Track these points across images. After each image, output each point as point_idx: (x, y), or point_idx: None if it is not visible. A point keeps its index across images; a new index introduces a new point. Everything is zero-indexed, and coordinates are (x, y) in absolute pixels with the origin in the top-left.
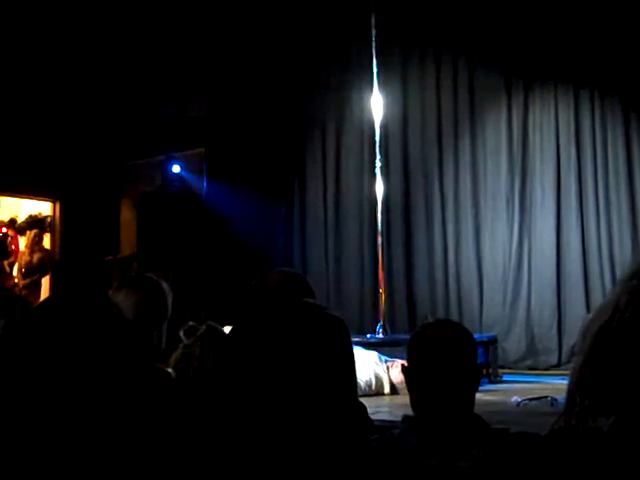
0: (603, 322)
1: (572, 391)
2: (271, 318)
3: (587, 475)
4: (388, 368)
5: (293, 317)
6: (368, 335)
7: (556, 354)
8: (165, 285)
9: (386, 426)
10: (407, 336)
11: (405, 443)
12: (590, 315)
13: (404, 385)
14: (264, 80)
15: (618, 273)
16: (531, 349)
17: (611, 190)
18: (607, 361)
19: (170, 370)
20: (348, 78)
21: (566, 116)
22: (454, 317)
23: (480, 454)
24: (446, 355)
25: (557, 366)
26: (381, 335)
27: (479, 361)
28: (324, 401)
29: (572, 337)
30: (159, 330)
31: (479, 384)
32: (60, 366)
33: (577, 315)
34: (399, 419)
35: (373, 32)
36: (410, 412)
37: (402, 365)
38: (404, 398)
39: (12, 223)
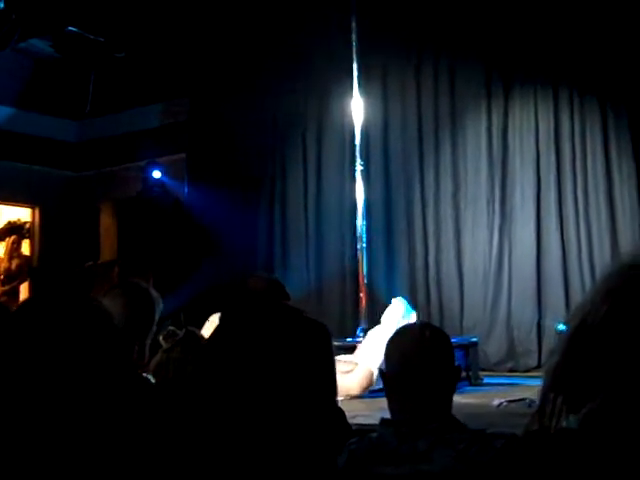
0: (578, 322)
1: (546, 390)
2: (251, 322)
3: (559, 475)
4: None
5: (273, 321)
6: (349, 338)
7: (536, 356)
8: (155, 293)
9: (365, 430)
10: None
11: (383, 446)
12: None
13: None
14: (245, 85)
15: (597, 276)
16: (511, 352)
17: (590, 193)
18: (580, 359)
19: (149, 376)
20: (329, 82)
21: (545, 120)
22: (435, 320)
23: (455, 456)
24: (422, 358)
25: (537, 368)
26: (362, 338)
27: (460, 364)
28: (303, 406)
29: (552, 339)
30: (144, 339)
31: (457, 386)
32: (40, 370)
33: (557, 318)
34: (377, 422)
35: (354, 36)
36: (389, 415)
37: (380, 369)
38: (383, 401)
39: None
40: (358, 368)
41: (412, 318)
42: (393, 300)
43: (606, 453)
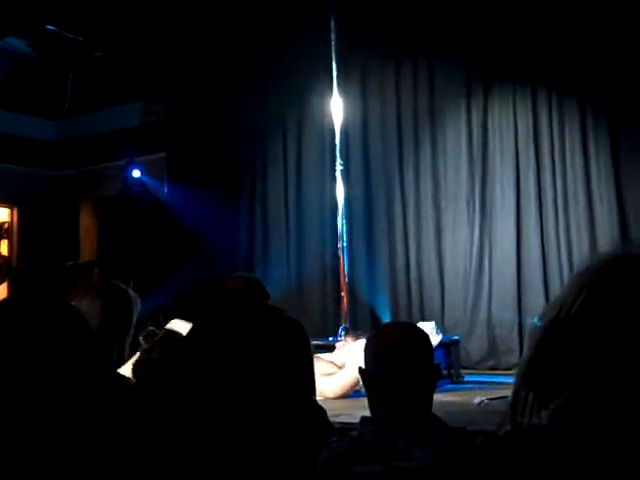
0: (551, 317)
1: (517, 387)
2: (229, 321)
3: (532, 473)
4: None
5: (251, 320)
6: (330, 338)
7: (517, 354)
8: (132, 293)
9: (348, 428)
10: None
11: (363, 444)
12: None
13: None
14: (225, 84)
15: (576, 269)
16: (493, 350)
17: (569, 191)
18: (551, 354)
19: (129, 375)
20: (308, 81)
21: (524, 119)
22: (416, 319)
23: (434, 453)
24: (401, 356)
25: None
26: (343, 337)
27: (440, 362)
28: (282, 404)
29: None
30: (123, 339)
31: (438, 384)
32: (16, 372)
33: (537, 315)
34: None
35: (332, 36)
36: (369, 413)
37: (359, 367)
38: (364, 400)
39: None
40: (342, 371)
41: (435, 341)
42: (420, 324)
43: (574, 449)
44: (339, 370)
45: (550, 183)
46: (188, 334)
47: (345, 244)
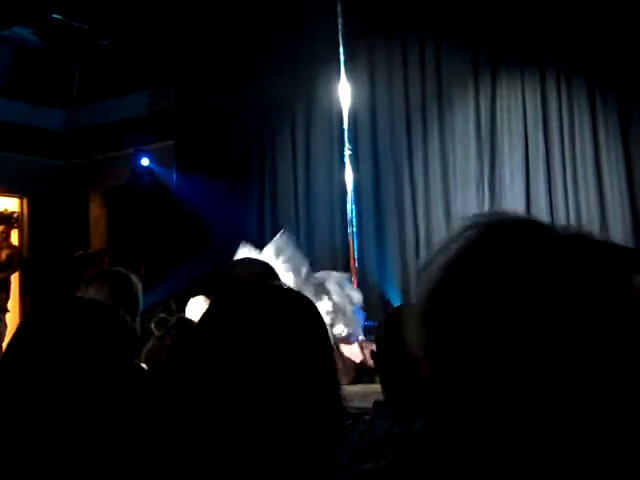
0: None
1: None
2: (241, 305)
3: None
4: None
5: (264, 302)
6: None
7: None
8: (135, 278)
9: (361, 413)
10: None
11: (376, 428)
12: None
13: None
14: (232, 71)
15: None
16: None
17: (578, 173)
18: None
19: (142, 363)
20: (316, 67)
21: (533, 100)
22: None
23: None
24: None
25: None
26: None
27: None
28: (301, 389)
29: None
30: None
31: None
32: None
33: None
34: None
35: (340, 20)
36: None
37: (372, 351)
38: (377, 386)
39: None
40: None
41: None
42: None
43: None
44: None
45: (560, 167)
46: (200, 319)
47: (355, 229)
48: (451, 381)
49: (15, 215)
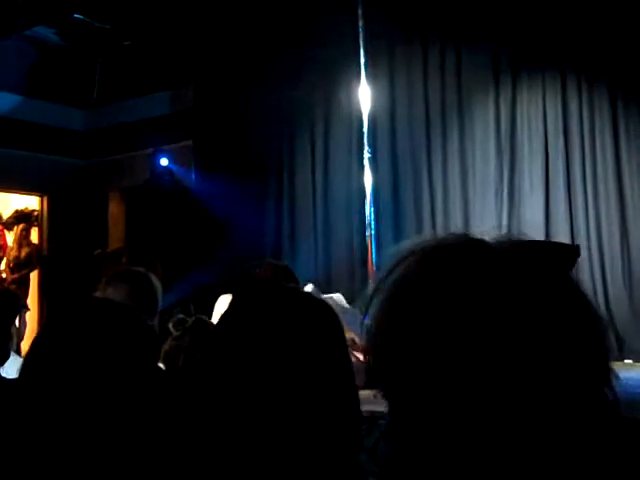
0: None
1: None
2: (260, 308)
3: None
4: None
5: (282, 305)
6: None
7: None
8: (154, 278)
9: (374, 417)
10: None
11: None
12: None
13: None
14: (252, 72)
15: (607, 262)
16: None
17: (599, 180)
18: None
19: (159, 364)
20: (336, 69)
21: (553, 106)
22: None
23: None
24: None
25: None
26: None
27: None
28: (318, 390)
29: None
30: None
31: None
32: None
33: None
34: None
35: (360, 23)
36: None
37: None
38: None
39: None
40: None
41: None
42: None
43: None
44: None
45: (580, 174)
46: (219, 321)
47: (373, 232)
48: (405, 405)
49: (35, 213)
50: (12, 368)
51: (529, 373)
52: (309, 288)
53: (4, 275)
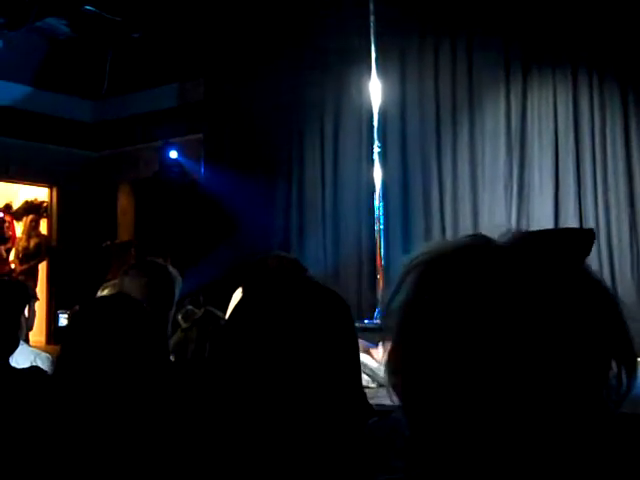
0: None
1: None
2: (270, 300)
3: None
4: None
5: (293, 296)
6: (366, 320)
7: None
8: (173, 270)
9: (385, 410)
10: None
11: (403, 427)
12: None
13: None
14: (262, 65)
15: (616, 258)
16: None
17: (609, 175)
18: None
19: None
20: (347, 63)
21: (564, 101)
22: None
23: None
24: None
25: None
26: (379, 321)
27: None
28: (326, 381)
29: None
30: (165, 318)
31: None
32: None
33: None
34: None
35: (372, 17)
36: None
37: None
38: None
39: (7, 208)
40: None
41: None
42: None
43: None
44: None
45: (590, 170)
46: (231, 313)
47: (382, 227)
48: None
49: (44, 205)
50: (21, 357)
51: (551, 372)
52: None
53: (13, 265)
